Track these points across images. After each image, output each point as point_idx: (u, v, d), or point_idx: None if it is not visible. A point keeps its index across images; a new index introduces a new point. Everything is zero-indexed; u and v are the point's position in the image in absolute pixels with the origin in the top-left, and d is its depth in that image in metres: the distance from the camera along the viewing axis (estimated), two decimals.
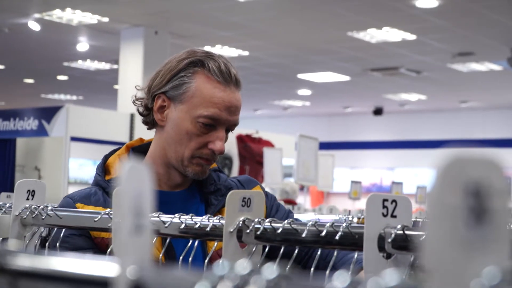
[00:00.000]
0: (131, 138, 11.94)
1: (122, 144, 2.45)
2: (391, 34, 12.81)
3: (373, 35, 12.89)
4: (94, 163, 15.44)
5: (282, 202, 2.60)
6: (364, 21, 12.02)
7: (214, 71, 2.23)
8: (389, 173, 23.50)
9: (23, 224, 1.74)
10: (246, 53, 14.82)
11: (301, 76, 17.36)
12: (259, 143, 14.59)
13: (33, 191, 1.78)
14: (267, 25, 12.51)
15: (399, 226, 1.21)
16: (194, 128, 2.23)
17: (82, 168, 18.25)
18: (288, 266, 0.76)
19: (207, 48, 14.16)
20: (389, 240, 1.20)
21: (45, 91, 21.30)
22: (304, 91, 20.01)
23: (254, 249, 1.42)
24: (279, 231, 1.38)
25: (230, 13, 11.71)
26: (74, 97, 22.39)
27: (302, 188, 11.13)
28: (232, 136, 11.85)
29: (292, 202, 9.35)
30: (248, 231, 1.40)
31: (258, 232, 1.40)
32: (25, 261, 0.72)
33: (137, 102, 2.38)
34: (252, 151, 14.37)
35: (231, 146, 14.57)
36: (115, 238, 1.63)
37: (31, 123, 12.13)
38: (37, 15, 12.22)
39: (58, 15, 12.13)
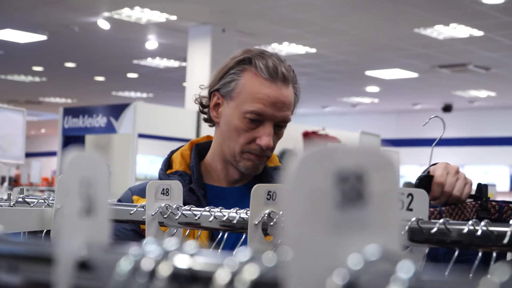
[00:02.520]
0: (198, 135, 12.04)
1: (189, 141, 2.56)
2: (459, 31, 12.69)
3: (440, 31, 12.78)
4: None
5: None
6: (431, 17, 11.93)
7: (260, 68, 2.28)
8: None
9: None
10: (313, 50, 14.82)
11: (369, 73, 17.29)
12: (326, 138, 14.58)
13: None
14: (334, 22, 12.50)
15: (413, 219, 1.25)
16: (241, 124, 2.28)
17: (152, 165, 18.44)
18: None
19: (274, 45, 14.23)
20: (403, 232, 1.24)
21: (116, 88, 21.61)
22: (372, 88, 19.93)
23: (280, 241, 1.47)
24: None
25: (297, 10, 11.73)
26: (144, 95, 22.66)
27: None
28: (298, 132, 11.87)
29: None
30: (272, 223, 1.45)
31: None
32: None
33: (197, 101, 2.46)
34: None
35: (296, 143, 14.59)
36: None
37: (100, 120, 12.33)
38: (106, 14, 12.42)
39: (127, 13, 12.32)
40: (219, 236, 1.70)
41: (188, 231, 1.74)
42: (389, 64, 16.11)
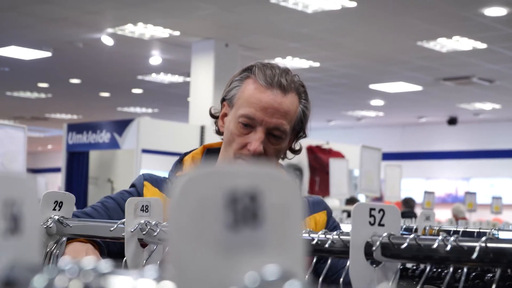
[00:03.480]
0: None
1: None
2: (462, 43, 12.70)
3: (443, 44, 12.80)
4: None
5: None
6: (434, 30, 11.95)
7: (259, 75, 2.31)
8: (464, 184, 23.20)
9: (48, 234, 1.83)
10: (317, 64, 14.85)
11: (373, 86, 17.30)
12: (330, 154, 14.59)
13: (61, 202, 1.87)
14: (337, 36, 12.53)
15: (385, 234, 1.26)
16: (235, 129, 2.31)
17: None
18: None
19: (278, 59, 14.27)
20: (374, 248, 1.25)
21: (121, 104, 21.66)
22: (377, 102, 19.93)
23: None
24: None
25: (300, 24, 11.76)
26: (150, 110, 22.70)
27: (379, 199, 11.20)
28: (303, 147, 11.89)
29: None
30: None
31: None
32: None
33: (211, 116, 2.51)
34: (322, 162, 14.37)
35: (301, 157, 14.60)
36: None
37: (104, 136, 12.36)
38: (110, 30, 12.47)
39: (130, 29, 12.36)
40: None
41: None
42: (393, 77, 16.12)
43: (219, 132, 2.45)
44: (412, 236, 1.23)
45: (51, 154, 35.19)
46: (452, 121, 22.45)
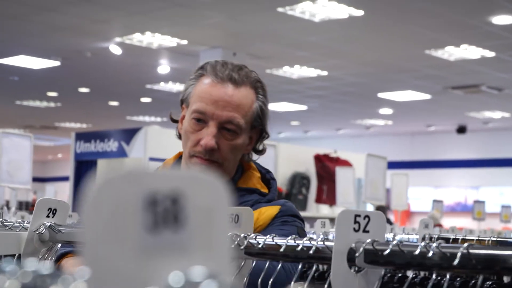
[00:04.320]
0: None
1: None
2: (470, 52, 12.69)
3: (451, 52, 12.79)
4: None
5: None
6: (442, 39, 11.94)
7: (210, 71, 2.29)
8: (473, 192, 23.15)
9: (41, 240, 1.84)
10: (325, 73, 14.85)
11: (381, 95, 17.30)
12: (337, 162, 14.59)
13: (55, 209, 1.87)
14: (344, 44, 12.53)
15: (368, 241, 1.26)
16: (189, 126, 2.28)
17: None
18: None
19: (286, 68, 14.29)
20: (357, 254, 1.25)
21: (130, 113, 21.71)
22: (385, 110, 19.92)
23: (242, 264, 1.48)
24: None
25: (308, 33, 11.77)
26: (159, 119, 22.74)
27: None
28: (310, 155, 11.91)
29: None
30: (232, 246, 1.46)
31: (244, 247, 1.46)
32: None
33: (172, 121, 2.49)
34: (330, 171, 14.36)
35: (308, 166, 14.60)
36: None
37: (111, 145, 12.39)
38: (118, 39, 12.50)
39: (138, 38, 12.40)
40: None
41: None
42: (401, 86, 16.12)
43: (180, 137, 2.41)
44: (395, 242, 1.24)
45: (60, 163, 35.30)
46: (461, 129, 22.43)
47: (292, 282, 1.39)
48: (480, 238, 2.71)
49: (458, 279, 1.65)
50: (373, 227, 1.28)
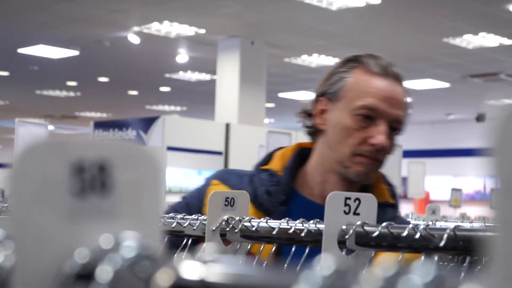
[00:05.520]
0: (227, 147, 12.10)
1: (219, 153, 2.42)
2: (488, 40, 12.63)
3: (469, 41, 12.74)
4: (199, 172, 15.66)
5: None
6: (460, 27, 11.90)
7: (370, 65, 2.13)
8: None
9: None
10: None
11: None
12: None
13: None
14: (362, 33, 12.52)
15: (359, 223, 1.28)
16: (352, 123, 2.08)
17: (187, 178, 18.47)
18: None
19: (304, 57, 14.28)
20: (347, 236, 1.27)
21: (150, 102, 21.77)
22: None
23: (238, 246, 1.51)
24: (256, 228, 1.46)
25: (326, 22, 11.76)
26: (178, 108, 22.79)
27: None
28: None
29: None
30: (228, 228, 1.48)
31: (238, 230, 1.48)
32: None
33: (301, 114, 2.27)
34: None
35: None
36: None
37: (129, 134, 12.41)
38: (136, 29, 12.54)
39: (156, 27, 12.43)
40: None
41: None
42: (419, 74, 16.06)
43: (313, 132, 2.22)
44: (384, 224, 1.26)
45: None
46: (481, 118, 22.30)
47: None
48: (487, 224, 2.71)
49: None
50: (363, 209, 1.30)
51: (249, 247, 1.54)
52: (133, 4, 11.16)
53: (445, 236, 1.18)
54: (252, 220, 1.47)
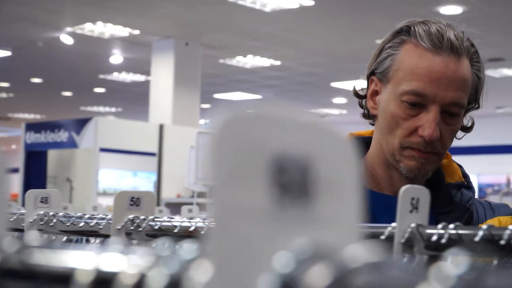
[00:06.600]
0: (160, 148, 12.04)
1: (152, 154, 2.37)
2: None
3: None
4: (134, 174, 15.59)
5: None
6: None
7: (420, 36, 1.82)
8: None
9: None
10: (278, 62, 14.88)
11: (334, 84, 17.35)
12: None
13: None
14: (296, 34, 12.57)
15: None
16: (399, 110, 1.80)
17: (122, 179, 18.38)
18: None
19: (239, 58, 14.29)
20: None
21: (84, 103, 21.58)
22: (339, 99, 19.99)
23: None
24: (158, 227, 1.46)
25: (261, 23, 11.78)
26: (113, 109, 22.64)
27: None
28: None
29: None
30: (132, 227, 1.48)
31: (143, 229, 1.48)
32: None
33: (356, 96, 2.05)
34: None
35: None
36: None
37: (62, 135, 12.31)
38: (69, 29, 12.42)
39: (90, 28, 12.33)
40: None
41: None
42: (354, 75, 16.06)
43: (367, 116, 1.96)
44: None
45: (16, 155, 34.97)
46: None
47: None
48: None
49: None
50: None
51: None
52: (66, 4, 11.05)
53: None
54: (156, 219, 1.46)
